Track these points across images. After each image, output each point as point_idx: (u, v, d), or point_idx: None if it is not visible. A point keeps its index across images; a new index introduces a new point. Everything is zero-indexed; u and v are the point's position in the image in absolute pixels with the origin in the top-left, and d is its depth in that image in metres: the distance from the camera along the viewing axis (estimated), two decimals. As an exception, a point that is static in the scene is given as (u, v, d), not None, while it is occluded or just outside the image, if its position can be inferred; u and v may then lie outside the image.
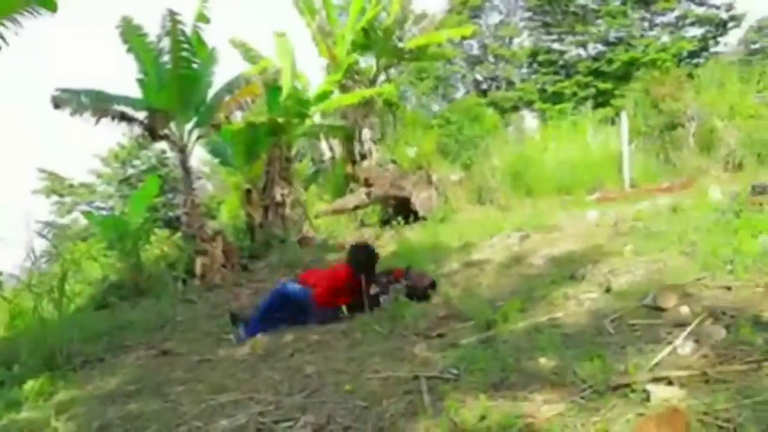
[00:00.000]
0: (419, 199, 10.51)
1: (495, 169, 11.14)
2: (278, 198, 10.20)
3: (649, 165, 11.49)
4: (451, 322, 4.03)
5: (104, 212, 30.94)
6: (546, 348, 2.92)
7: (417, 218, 10.54)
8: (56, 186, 29.84)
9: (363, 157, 11.62)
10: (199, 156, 27.48)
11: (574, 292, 3.95)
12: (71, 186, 30.12)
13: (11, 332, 6.28)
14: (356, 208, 10.56)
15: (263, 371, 3.88)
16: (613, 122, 13.27)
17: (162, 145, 17.26)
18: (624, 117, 11.54)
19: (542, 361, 2.79)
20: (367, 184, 10.63)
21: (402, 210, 10.81)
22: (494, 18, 32.76)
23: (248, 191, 10.22)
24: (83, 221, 31.17)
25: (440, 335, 3.78)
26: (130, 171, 29.83)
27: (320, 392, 3.16)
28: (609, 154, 12.00)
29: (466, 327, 3.80)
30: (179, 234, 9.52)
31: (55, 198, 29.99)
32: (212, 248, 8.77)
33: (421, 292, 5.07)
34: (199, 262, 8.64)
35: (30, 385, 4.25)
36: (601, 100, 24.89)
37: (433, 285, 5.20)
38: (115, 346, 5.79)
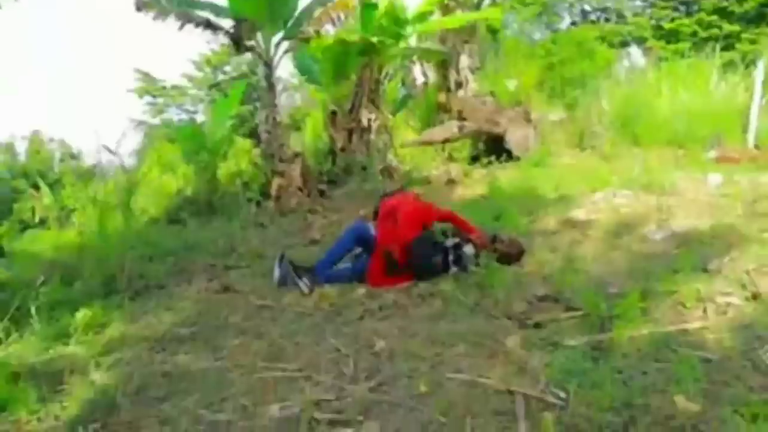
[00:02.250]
0: (514, 138, 9.61)
1: (602, 113, 10.02)
2: (364, 122, 9.56)
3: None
4: (551, 306, 3.38)
5: (195, 116, 31.55)
6: (683, 380, 2.26)
7: (510, 157, 9.70)
8: (150, 87, 30.37)
9: (458, 86, 10.69)
10: (288, 68, 27.18)
11: (708, 291, 3.18)
12: (164, 88, 30.58)
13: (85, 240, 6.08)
14: (446, 141, 9.79)
15: (327, 337, 3.40)
16: (746, 67, 11.61)
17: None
18: (762, 65, 10.02)
19: (679, 401, 2.13)
20: (461, 117, 9.79)
21: (494, 147, 9.96)
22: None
23: (333, 113, 9.63)
24: (174, 122, 32.00)
25: (538, 324, 3.16)
26: (221, 77, 29.86)
27: (390, 386, 2.63)
28: (734, 107, 10.55)
29: (572, 319, 3.14)
30: (258, 150, 9.10)
31: (148, 98, 30.60)
32: (290, 170, 8.34)
33: (514, 259, 4.43)
34: (275, 183, 8.25)
35: (82, 314, 3.98)
36: (725, 43, 22.26)
37: (522, 252, 4.53)
38: (178, 270, 5.53)
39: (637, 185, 6.79)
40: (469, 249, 4.42)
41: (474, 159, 10.10)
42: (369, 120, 9.49)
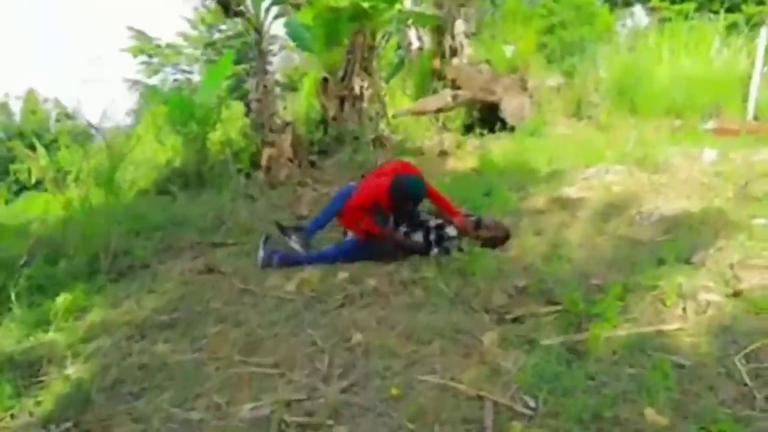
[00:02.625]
0: (510, 107, 9.46)
1: (600, 82, 9.83)
2: (356, 90, 9.38)
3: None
4: (531, 299, 3.34)
5: (190, 76, 31.11)
6: (655, 389, 2.23)
7: (504, 127, 9.57)
8: (144, 45, 29.91)
9: (453, 53, 10.47)
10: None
11: (690, 286, 3.12)
12: (158, 47, 30.11)
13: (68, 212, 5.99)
14: (439, 110, 9.64)
15: (305, 327, 3.38)
16: (750, 29, 11.31)
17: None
18: (765, 33, 9.77)
19: (649, 414, 2.11)
20: (455, 85, 9.62)
21: (489, 116, 9.83)
22: None
23: (325, 80, 9.45)
24: (169, 82, 31.57)
25: (516, 319, 3.13)
26: (217, 35, 29.35)
27: (362, 386, 2.61)
28: (734, 74, 10.32)
29: (551, 314, 3.11)
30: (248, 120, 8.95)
31: (142, 57, 30.15)
32: (280, 140, 8.23)
33: (498, 243, 4.38)
34: (265, 153, 8.14)
35: (63, 298, 3.96)
36: (730, 3, 21.70)
37: (508, 237, 4.48)
38: (165, 247, 5.49)
39: (631, 160, 6.71)
40: (451, 231, 4.39)
41: (468, 128, 9.97)
42: (361, 88, 9.33)
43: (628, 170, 6.34)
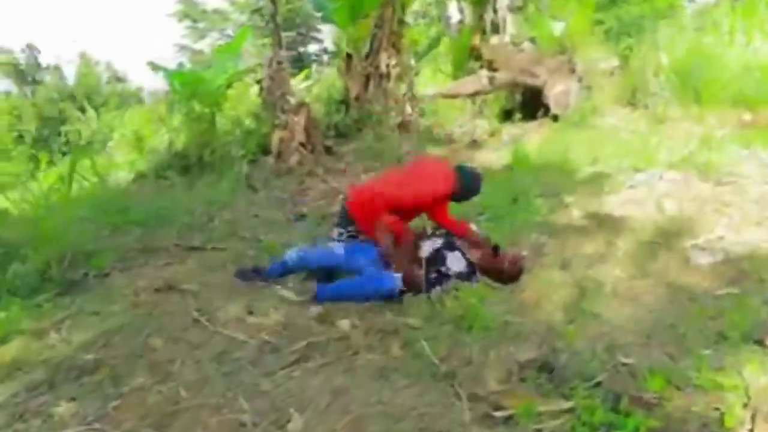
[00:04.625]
0: (554, 93, 8.39)
1: (660, 67, 8.61)
2: (383, 68, 8.48)
3: None
4: (534, 386, 2.45)
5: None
6: None
7: (547, 113, 8.53)
8: (190, 10, 29.43)
9: (495, 29, 9.40)
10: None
11: (756, 387, 2.20)
12: (204, 11, 29.61)
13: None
14: (475, 94, 8.65)
15: (240, 394, 2.61)
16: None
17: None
18: None
19: None
20: (491, 67, 8.59)
21: (531, 101, 8.80)
22: None
23: (348, 56, 8.56)
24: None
25: (509, 419, 2.26)
26: (262, 2, 28.61)
27: None
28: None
29: (556, 417, 2.22)
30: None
31: (188, 22, 29.72)
32: (293, 122, 7.43)
33: (508, 280, 3.51)
34: (276, 136, 7.38)
35: (-17, 322, 3.29)
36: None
37: (521, 272, 3.59)
38: (137, 250, 4.80)
39: (690, 166, 5.66)
40: (455, 262, 3.53)
41: (507, 114, 8.96)
42: (388, 66, 8.42)
43: (685, 179, 5.31)
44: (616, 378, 2.38)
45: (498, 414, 2.28)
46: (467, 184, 3.85)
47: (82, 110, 12.63)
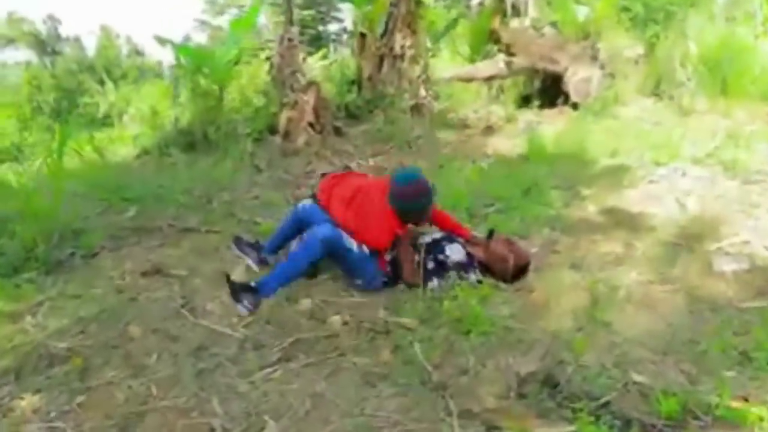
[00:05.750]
0: (574, 80, 8.04)
1: (687, 56, 8.21)
2: (397, 49, 8.16)
3: None
4: (534, 404, 2.20)
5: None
6: None
7: (567, 101, 8.19)
8: (209, -16, 29.14)
9: (517, 11, 9.03)
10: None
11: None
12: (223, -14, 29.31)
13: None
14: (491, 78, 8.32)
15: (213, 396, 2.40)
16: None
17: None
18: None
19: None
20: (510, 52, 8.24)
21: (551, 88, 8.46)
22: None
23: (362, 35, 8.26)
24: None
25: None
26: (282, -22, 28.25)
27: None
28: None
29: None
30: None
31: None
32: (302, 101, 7.17)
33: (510, 277, 3.27)
34: (283, 116, 7.11)
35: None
36: None
37: (527, 267, 3.34)
38: (130, 229, 4.59)
39: (715, 161, 5.35)
40: (455, 251, 3.29)
41: (525, 100, 8.62)
42: (403, 47, 8.09)
43: (710, 176, 5.00)
44: (626, 398, 2.14)
45: (492, 434, 2.04)
46: (402, 208, 3.30)
47: (102, 83, 12.46)
